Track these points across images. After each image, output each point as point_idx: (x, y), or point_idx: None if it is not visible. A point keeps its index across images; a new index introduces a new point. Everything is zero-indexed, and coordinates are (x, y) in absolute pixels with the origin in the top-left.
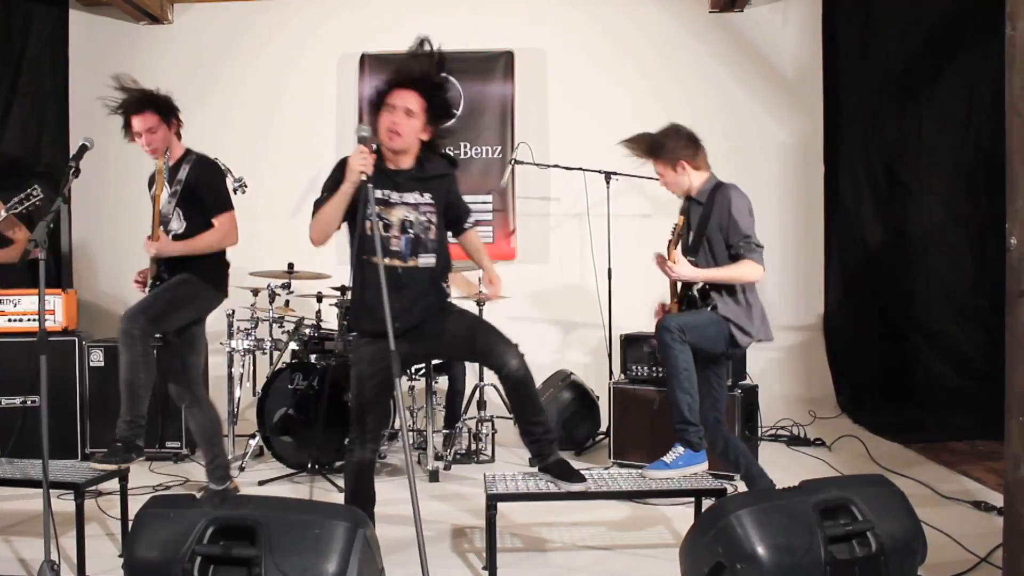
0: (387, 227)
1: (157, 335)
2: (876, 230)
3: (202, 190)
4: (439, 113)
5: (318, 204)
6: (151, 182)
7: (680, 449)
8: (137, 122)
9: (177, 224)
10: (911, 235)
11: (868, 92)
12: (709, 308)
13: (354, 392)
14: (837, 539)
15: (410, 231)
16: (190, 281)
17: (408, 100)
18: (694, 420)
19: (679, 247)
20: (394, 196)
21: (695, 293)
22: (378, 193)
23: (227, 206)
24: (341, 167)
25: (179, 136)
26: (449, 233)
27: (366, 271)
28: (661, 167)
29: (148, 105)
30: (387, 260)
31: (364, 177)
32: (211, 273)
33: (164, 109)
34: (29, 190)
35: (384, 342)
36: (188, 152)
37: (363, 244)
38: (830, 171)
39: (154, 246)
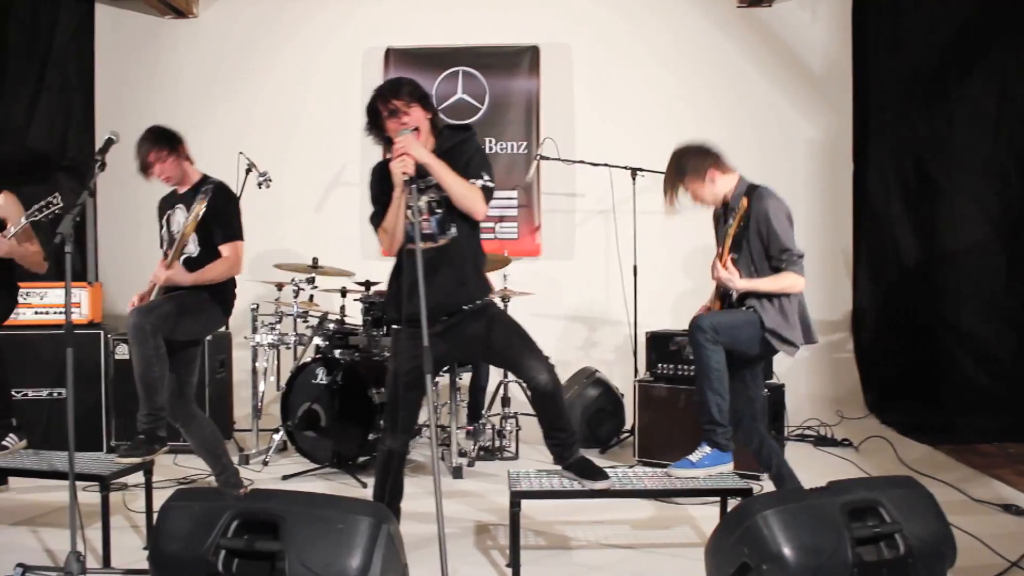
0: (417, 214)
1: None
2: (905, 229)
3: (214, 218)
4: (427, 100)
5: (375, 218)
6: (160, 209)
7: (707, 448)
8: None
9: (193, 247)
10: (941, 234)
11: (898, 89)
12: (746, 308)
13: (389, 384)
14: (865, 541)
15: (438, 211)
16: (201, 296)
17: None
18: (723, 421)
19: (728, 253)
20: (419, 182)
21: (732, 296)
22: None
23: (236, 236)
24: (378, 176)
25: (191, 161)
26: None
27: (401, 258)
28: (694, 186)
29: (148, 142)
30: (423, 244)
31: (406, 177)
32: (221, 296)
33: (161, 138)
34: (49, 198)
35: (411, 333)
36: (205, 179)
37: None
38: (859, 169)
39: (166, 274)
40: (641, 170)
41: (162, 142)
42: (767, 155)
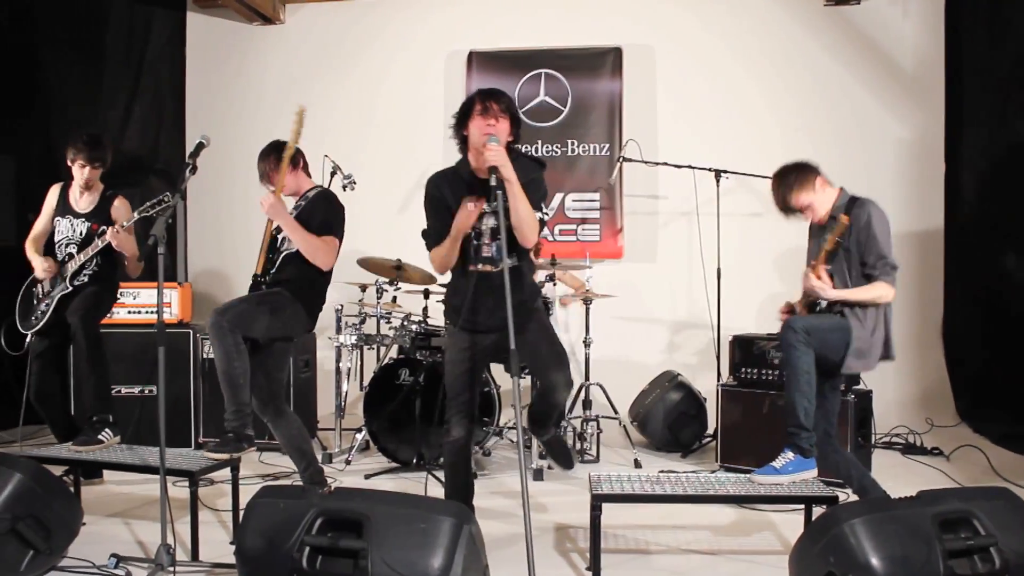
0: (478, 235)
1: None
2: (1000, 232)
3: (311, 213)
4: (517, 122)
5: (427, 237)
6: None
7: (790, 454)
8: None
9: (289, 244)
10: None
11: (994, 86)
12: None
13: (446, 375)
14: (957, 553)
15: (499, 237)
16: (281, 294)
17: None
18: (808, 425)
19: (823, 264)
20: (484, 207)
21: (821, 305)
22: (470, 207)
23: (332, 231)
24: (434, 197)
25: (307, 172)
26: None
27: (460, 276)
28: (805, 195)
29: (265, 155)
30: (480, 266)
31: (492, 175)
32: (303, 292)
33: (272, 153)
34: (161, 196)
35: (469, 336)
36: (315, 187)
37: (460, 253)
38: (951, 170)
39: (270, 201)
40: (725, 172)
41: (289, 153)
42: (854, 155)
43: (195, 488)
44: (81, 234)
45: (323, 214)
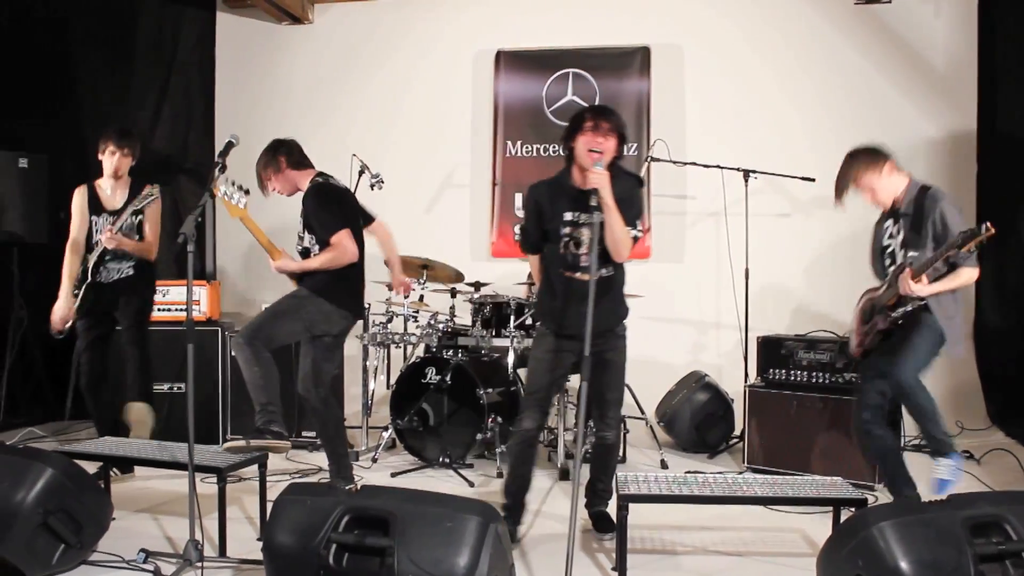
0: (577, 245)
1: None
2: None
3: (310, 215)
4: (624, 140)
5: (522, 233)
6: None
7: (949, 461)
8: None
9: (311, 244)
10: None
11: None
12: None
13: (528, 369)
14: (989, 558)
15: (591, 247)
16: (297, 295)
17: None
18: (948, 431)
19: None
20: (583, 217)
21: (899, 316)
22: (568, 215)
23: (333, 228)
24: (529, 203)
25: (299, 167)
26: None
27: (555, 282)
28: (871, 178)
29: (259, 162)
30: (576, 275)
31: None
32: (327, 289)
33: (264, 157)
34: (144, 191)
35: (556, 340)
36: (312, 180)
37: (556, 259)
38: (983, 171)
39: (275, 264)
40: (754, 172)
41: (265, 161)
42: None
43: (223, 484)
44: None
45: (317, 217)
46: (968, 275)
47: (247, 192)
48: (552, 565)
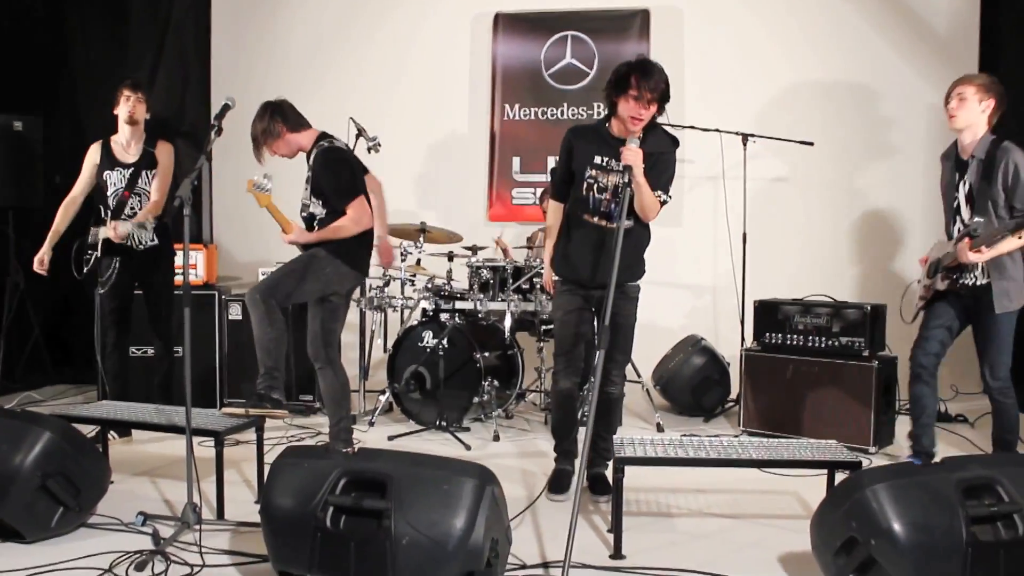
0: (601, 190)
1: (283, 303)
2: None
3: (323, 184)
4: (666, 99)
5: (551, 175)
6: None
7: None
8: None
9: (317, 210)
10: None
11: None
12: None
13: (556, 330)
14: (980, 520)
15: (621, 196)
16: (316, 255)
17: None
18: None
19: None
20: (613, 163)
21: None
22: (597, 159)
23: (350, 194)
24: (564, 144)
25: (298, 128)
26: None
27: (574, 226)
28: (972, 89)
29: (253, 126)
30: (596, 219)
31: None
32: (343, 250)
33: (261, 121)
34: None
35: (579, 297)
36: (316, 141)
37: (578, 203)
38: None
39: (288, 237)
40: (752, 135)
41: (262, 128)
42: (885, 121)
43: (220, 448)
44: (128, 180)
45: (332, 184)
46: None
47: (269, 177)
48: (551, 528)
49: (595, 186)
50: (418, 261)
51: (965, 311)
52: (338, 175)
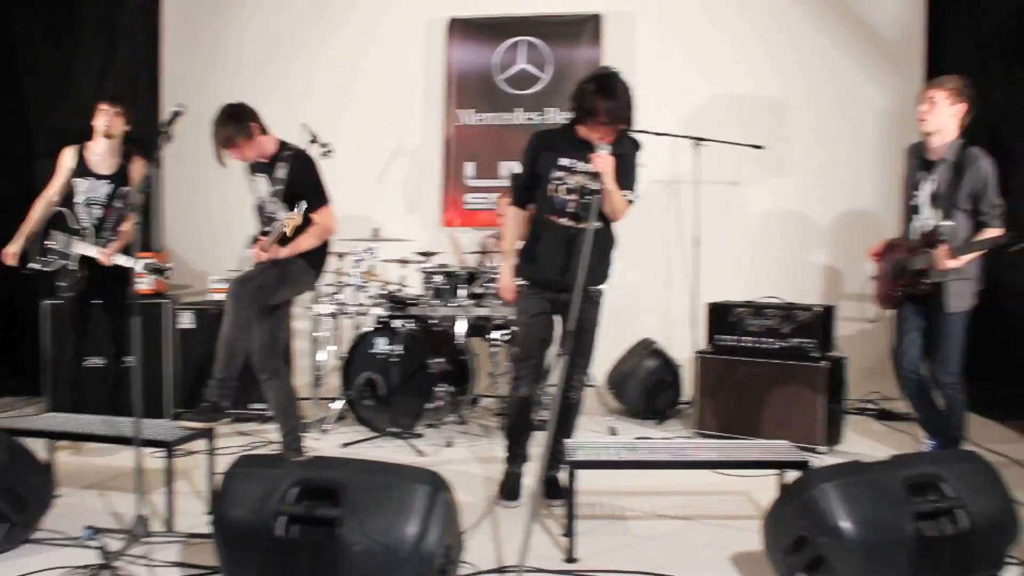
0: (569, 191)
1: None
2: None
3: (301, 187)
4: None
5: (523, 191)
6: (247, 173)
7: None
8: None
9: (281, 214)
10: (1018, 207)
11: (975, 54)
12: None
13: (519, 336)
14: (925, 516)
15: (587, 197)
16: (297, 264)
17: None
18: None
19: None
20: (578, 165)
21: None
22: (564, 160)
23: (322, 202)
24: (527, 147)
25: (264, 132)
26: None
27: (541, 228)
28: (943, 94)
29: (220, 126)
30: (564, 220)
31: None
32: (314, 260)
33: (229, 125)
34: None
35: (542, 300)
36: (283, 146)
37: (544, 203)
38: None
39: (264, 256)
40: (704, 139)
41: (235, 129)
42: (835, 125)
43: (170, 459)
44: (106, 196)
45: (313, 186)
46: (995, 234)
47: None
48: (505, 532)
49: (562, 187)
50: (371, 267)
51: (926, 308)
52: (318, 178)
